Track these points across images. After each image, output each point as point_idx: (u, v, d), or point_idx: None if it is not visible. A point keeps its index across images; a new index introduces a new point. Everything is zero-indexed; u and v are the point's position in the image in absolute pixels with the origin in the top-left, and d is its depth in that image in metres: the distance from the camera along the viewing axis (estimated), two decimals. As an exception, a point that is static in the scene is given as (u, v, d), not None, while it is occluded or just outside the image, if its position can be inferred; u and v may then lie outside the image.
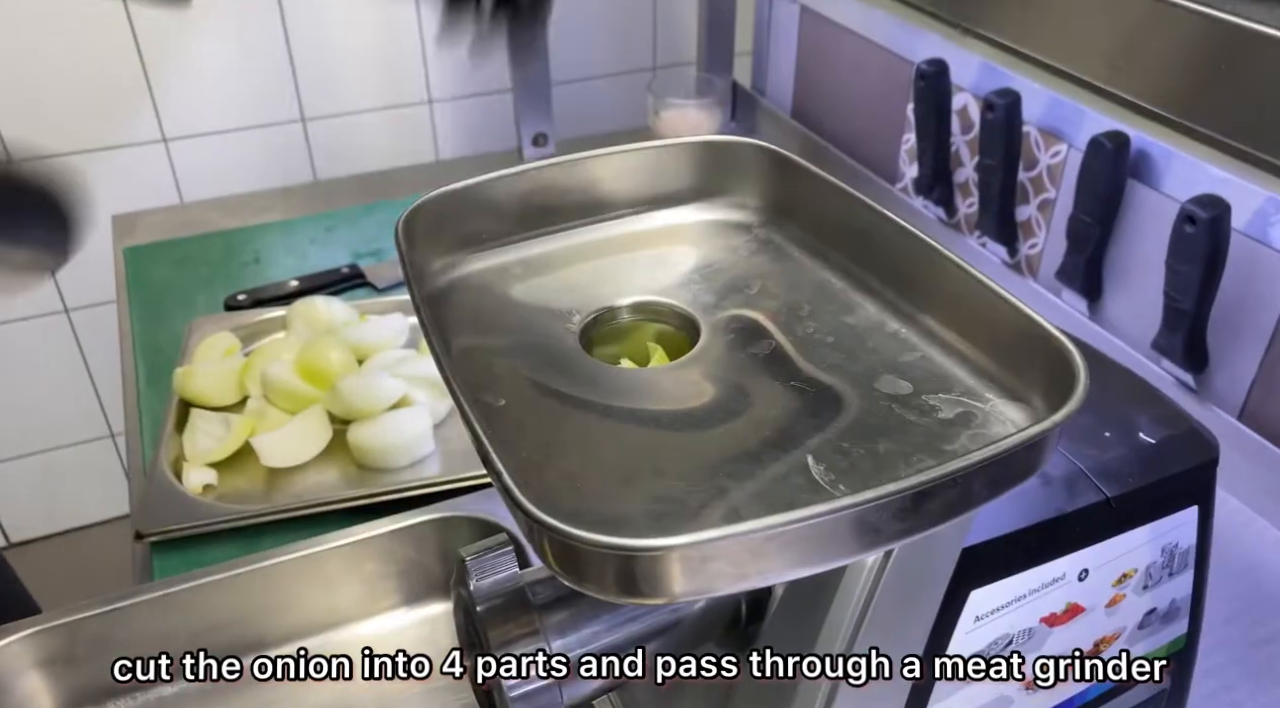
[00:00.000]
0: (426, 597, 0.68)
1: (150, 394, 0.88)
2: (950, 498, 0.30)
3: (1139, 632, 0.51)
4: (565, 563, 0.28)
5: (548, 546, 0.28)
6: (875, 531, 0.29)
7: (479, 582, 0.44)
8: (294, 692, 0.63)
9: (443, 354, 0.34)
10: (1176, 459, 0.49)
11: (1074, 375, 0.31)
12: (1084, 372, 0.31)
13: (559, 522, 0.27)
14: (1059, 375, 0.32)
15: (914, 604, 0.42)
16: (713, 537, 0.27)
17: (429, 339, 0.36)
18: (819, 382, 0.37)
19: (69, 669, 0.59)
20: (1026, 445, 0.30)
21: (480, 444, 0.30)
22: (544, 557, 0.29)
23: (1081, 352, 0.32)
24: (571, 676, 0.44)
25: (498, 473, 0.29)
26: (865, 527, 0.29)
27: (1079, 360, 0.31)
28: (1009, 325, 0.34)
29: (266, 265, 1.07)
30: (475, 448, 0.31)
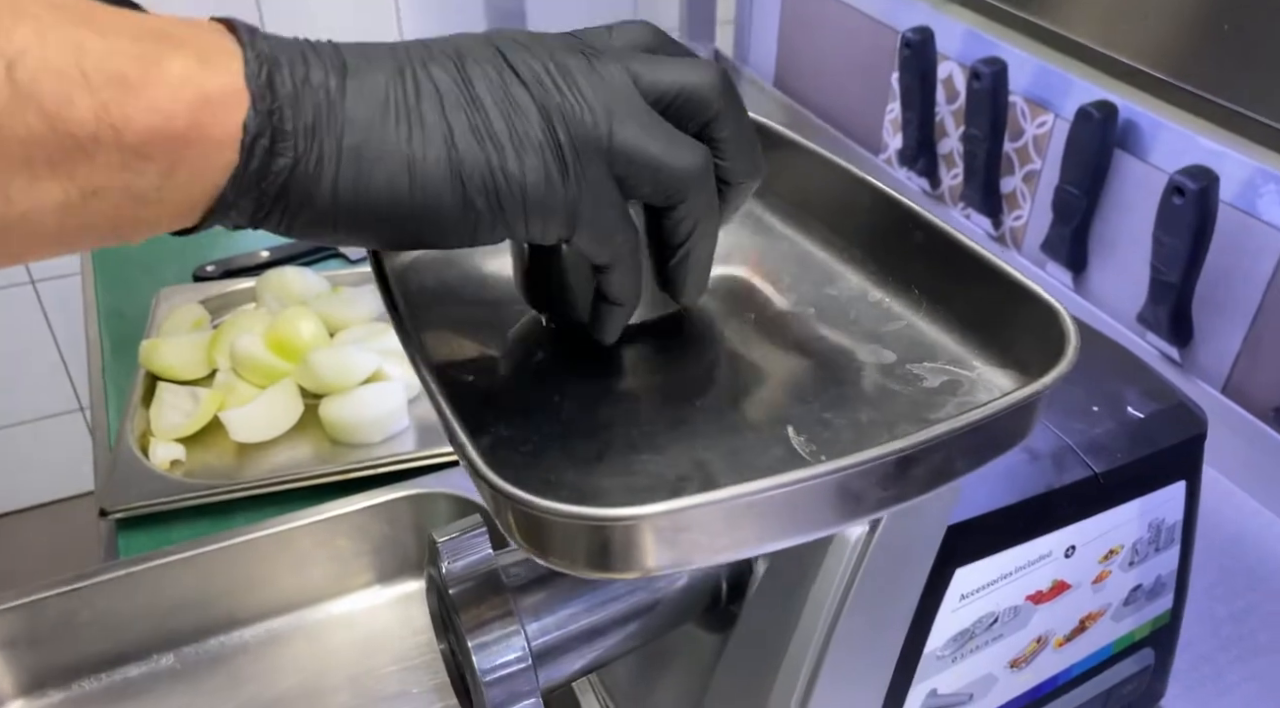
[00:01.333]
0: (400, 574, 0.67)
1: (116, 367, 0.85)
2: (936, 464, 0.29)
3: (1124, 608, 0.51)
4: (533, 538, 0.27)
5: (514, 520, 0.27)
6: (857, 499, 0.28)
7: (451, 564, 0.43)
8: (266, 671, 0.61)
9: (407, 328, 0.33)
10: (1165, 434, 0.48)
11: (1064, 338, 0.30)
12: (1075, 333, 0.30)
13: (523, 492, 0.25)
14: (1048, 340, 0.30)
15: (898, 583, 0.41)
16: (686, 505, 0.25)
17: (391, 313, 0.34)
18: (800, 353, 0.36)
19: (31, 650, 0.58)
20: (1016, 409, 0.29)
21: (444, 419, 0.29)
22: (511, 532, 0.27)
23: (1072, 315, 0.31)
24: (547, 659, 0.43)
25: (461, 447, 0.27)
26: (847, 494, 0.27)
27: (1069, 322, 0.30)
28: (995, 290, 0.33)
29: (236, 236, 1.04)
30: (440, 423, 0.29)
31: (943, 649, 0.45)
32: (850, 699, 0.43)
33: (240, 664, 0.61)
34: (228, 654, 0.62)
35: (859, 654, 0.42)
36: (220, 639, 0.62)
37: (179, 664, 0.61)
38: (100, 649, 0.60)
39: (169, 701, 0.59)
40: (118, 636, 0.60)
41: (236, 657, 0.62)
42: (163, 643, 0.61)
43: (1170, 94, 0.74)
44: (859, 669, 0.43)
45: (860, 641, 0.41)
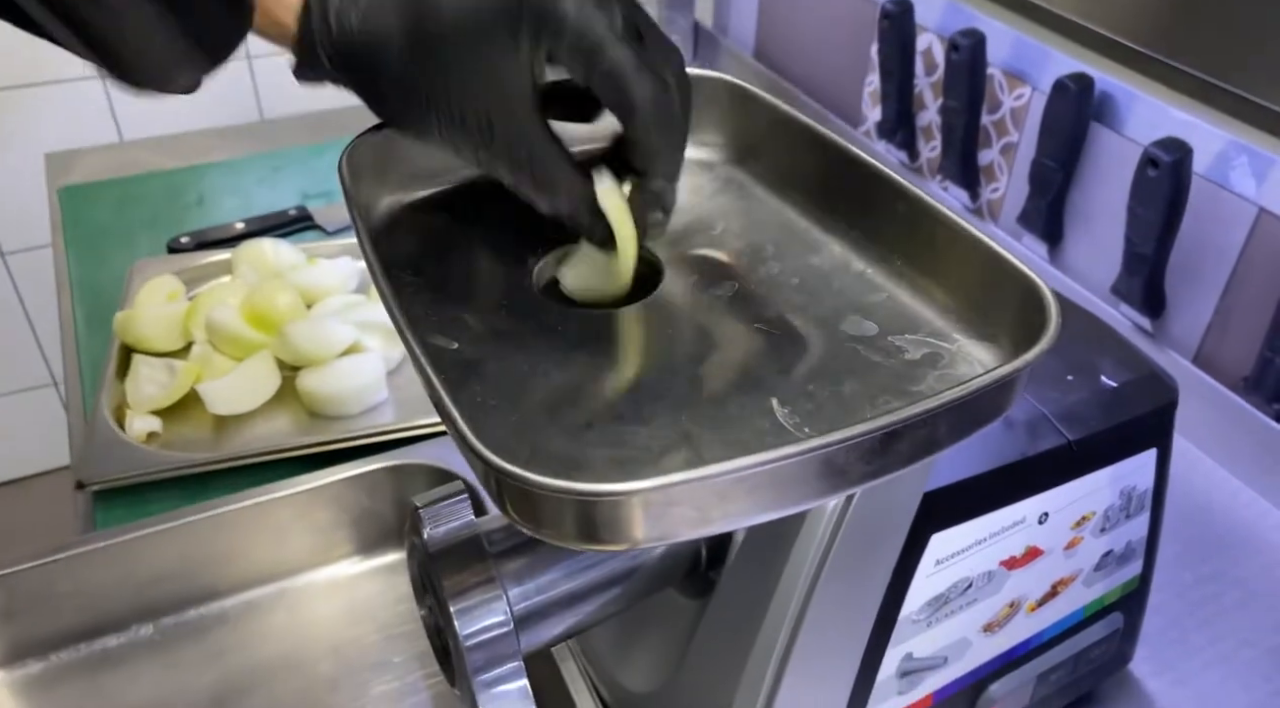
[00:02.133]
0: (380, 546, 0.67)
1: (90, 339, 0.85)
2: (918, 439, 0.29)
3: (1095, 573, 0.52)
4: (523, 510, 0.27)
5: (505, 492, 0.27)
6: (841, 473, 0.28)
7: (433, 530, 0.43)
8: (246, 641, 0.61)
9: (391, 295, 0.33)
10: (1137, 402, 0.49)
11: (1045, 314, 0.30)
12: (1056, 310, 0.30)
13: (516, 467, 0.25)
14: (1029, 315, 0.31)
15: (875, 548, 0.42)
16: (675, 481, 0.26)
17: (376, 279, 0.34)
18: (783, 324, 0.36)
19: (8, 622, 0.57)
20: (998, 385, 0.29)
21: (432, 388, 0.29)
22: (501, 504, 0.28)
23: (1053, 291, 0.31)
24: (528, 623, 0.43)
25: (451, 418, 0.28)
26: (832, 469, 0.28)
27: (1051, 299, 0.31)
28: (978, 264, 0.33)
29: (210, 207, 1.03)
30: (427, 393, 0.29)
31: (918, 614, 0.45)
32: (827, 663, 0.44)
33: (220, 635, 0.61)
34: (207, 625, 0.62)
35: (836, 618, 0.43)
36: (199, 610, 0.62)
37: (158, 635, 0.61)
38: (79, 621, 0.59)
39: (148, 671, 0.59)
40: (96, 607, 0.60)
41: (216, 628, 0.62)
42: (142, 614, 0.61)
43: (1145, 66, 0.75)
44: (836, 633, 0.43)
45: (838, 605, 0.42)
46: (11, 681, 0.58)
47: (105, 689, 0.58)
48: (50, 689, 0.58)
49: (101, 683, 0.58)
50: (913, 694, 0.48)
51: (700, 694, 0.46)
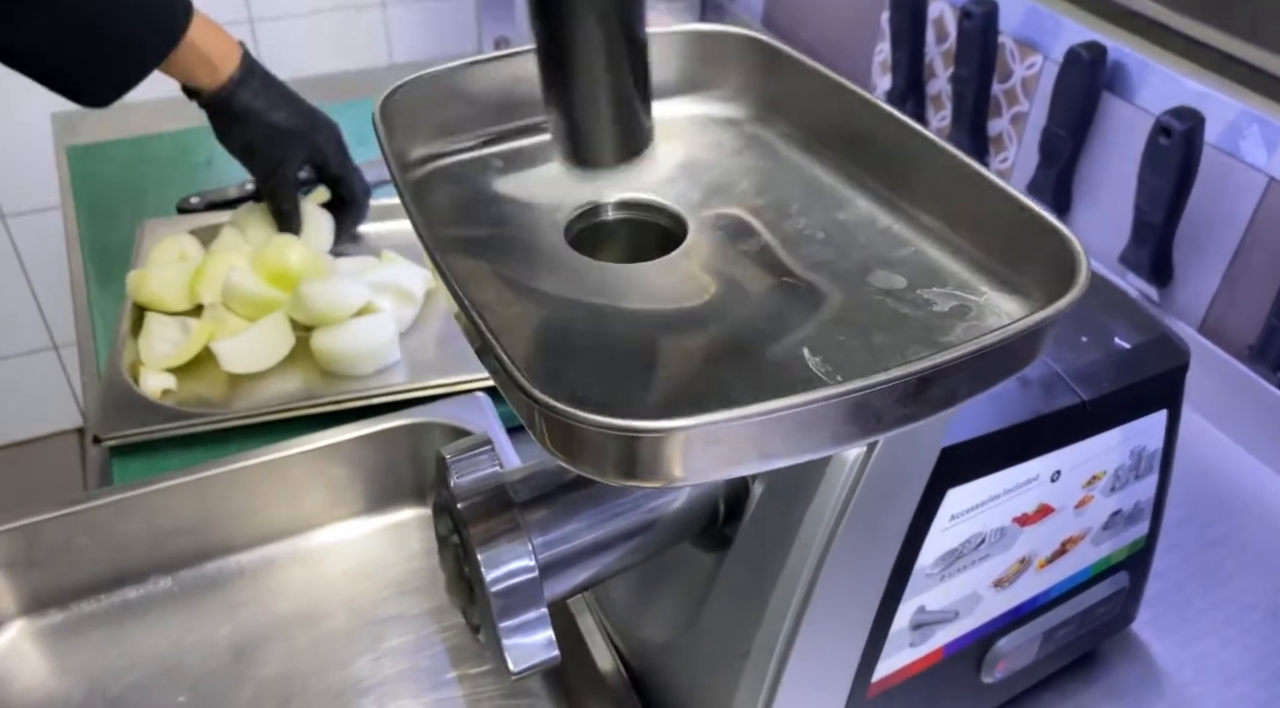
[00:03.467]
0: (396, 503, 0.68)
1: (101, 297, 0.85)
2: (951, 385, 0.30)
3: (1103, 532, 0.53)
4: (568, 447, 0.28)
5: (551, 430, 0.28)
6: (876, 417, 0.29)
7: (460, 479, 0.43)
8: (262, 594, 0.62)
9: (431, 242, 0.33)
10: (1149, 364, 0.50)
11: (1075, 264, 0.31)
12: (1085, 261, 0.31)
13: (566, 405, 0.26)
14: (1057, 267, 0.31)
15: (893, 501, 0.43)
16: (718, 420, 0.26)
17: (417, 228, 0.34)
18: (811, 277, 0.36)
19: (30, 572, 0.58)
20: (1030, 332, 0.30)
21: (479, 331, 0.29)
22: (546, 442, 0.28)
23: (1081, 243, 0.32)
24: (552, 572, 0.44)
25: (499, 359, 0.28)
26: (867, 413, 0.28)
27: (1079, 249, 0.31)
28: (1006, 218, 0.34)
29: (219, 168, 1.03)
30: (470, 336, 0.30)
31: (932, 567, 0.46)
32: (843, 614, 0.45)
33: (237, 588, 0.62)
34: (225, 579, 0.63)
35: (854, 570, 0.43)
36: (217, 564, 0.63)
37: (176, 588, 0.62)
38: (99, 572, 0.60)
39: (167, 622, 0.60)
40: (116, 559, 0.60)
41: (233, 581, 0.63)
42: (161, 567, 0.62)
43: (1158, 36, 0.75)
44: (853, 585, 0.44)
45: (856, 557, 0.43)
46: (34, 629, 0.59)
47: (126, 639, 0.59)
48: (71, 638, 0.59)
49: (122, 633, 0.59)
50: (924, 647, 0.49)
51: (719, 643, 0.47)
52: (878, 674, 0.48)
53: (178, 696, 0.56)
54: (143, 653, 0.58)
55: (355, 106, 1.15)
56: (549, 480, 0.46)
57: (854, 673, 0.47)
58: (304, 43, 1.61)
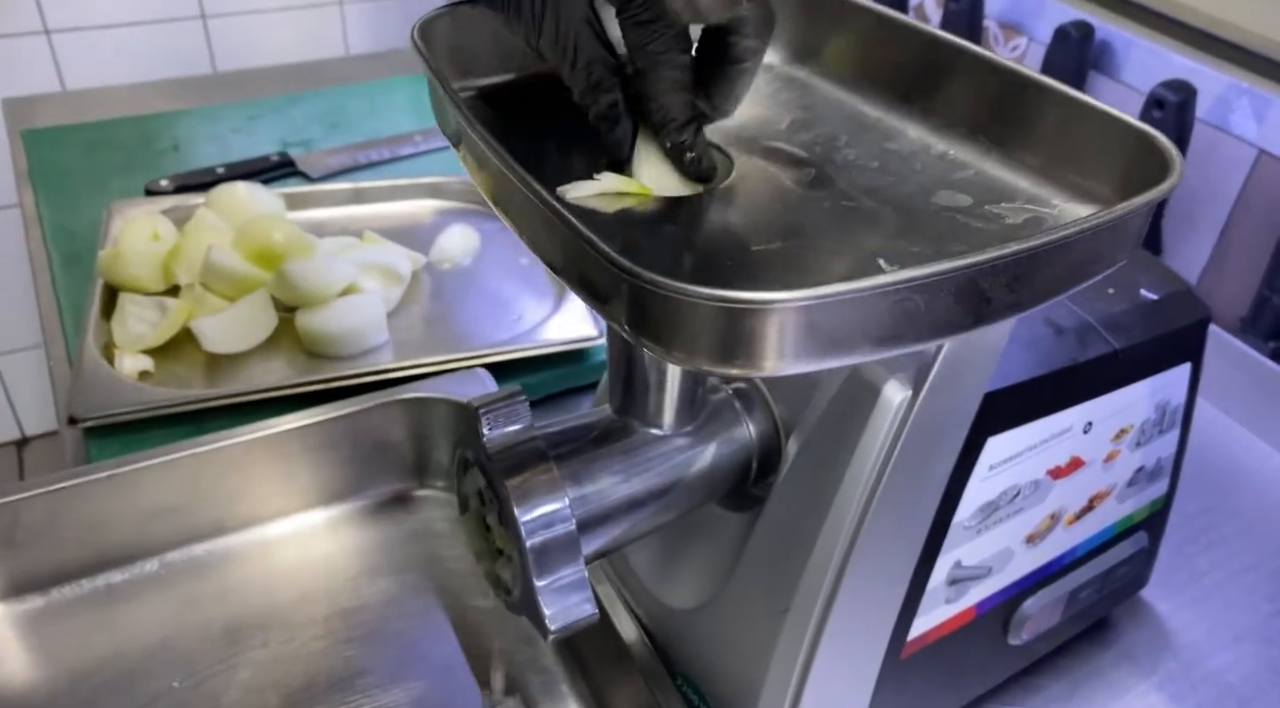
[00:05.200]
0: (395, 483, 0.65)
1: (67, 280, 0.81)
2: (1059, 268, 0.29)
3: (1127, 489, 0.53)
4: (664, 325, 0.26)
5: (648, 307, 0.26)
6: (985, 300, 0.28)
7: (492, 432, 0.42)
8: (256, 577, 0.59)
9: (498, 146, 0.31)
10: (1175, 316, 0.50)
11: (1164, 157, 0.30)
12: (1176, 152, 0.30)
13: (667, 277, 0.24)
14: (1139, 164, 0.31)
15: (936, 450, 0.42)
16: (830, 293, 0.25)
17: (479, 134, 0.32)
18: (872, 199, 0.35)
19: (10, 553, 0.54)
20: (1137, 214, 0.29)
21: (559, 216, 0.27)
22: (636, 323, 0.27)
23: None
24: (587, 528, 0.42)
25: (588, 240, 0.26)
26: (976, 295, 0.27)
27: (1166, 141, 0.31)
28: (1076, 126, 0.33)
29: (187, 153, 1.00)
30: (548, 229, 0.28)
31: (970, 520, 0.45)
32: (885, 567, 0.44)
33: (228, 571, 0.59)
34: (215, 561, 0.59)
35: (897, 521, 0.42)
36: (207, 546, 0.60)
37: (164, 571, 0.58)
38: (82, 554, 0.57)
39: (155, 606, 0.57)
40: (100, 540, 0.57)
41: (224, 564, 0.59)
42: (147, 550, 0.58)
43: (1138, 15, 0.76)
44: (895, 536, 0.43)
45: (899, 507, 0.42)
46: (12, 615, 0.55)
47: (111, 624, 0.55)
48: (52, 624, 0.55)
49: (107, 618, 0.56)
50: (958, 604, 0.48)
51: (753, 603, 0.45)
52: (913, 633, 0.47)
53: (171, 680, 0.53)
54: (130, 639, 0.55)
55: (319, 95, 1.13)
56: (580, 435, 0.44)
57: (891, 630, 0.46)
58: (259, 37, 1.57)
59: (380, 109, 1.12)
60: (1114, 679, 0.57)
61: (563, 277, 0.30)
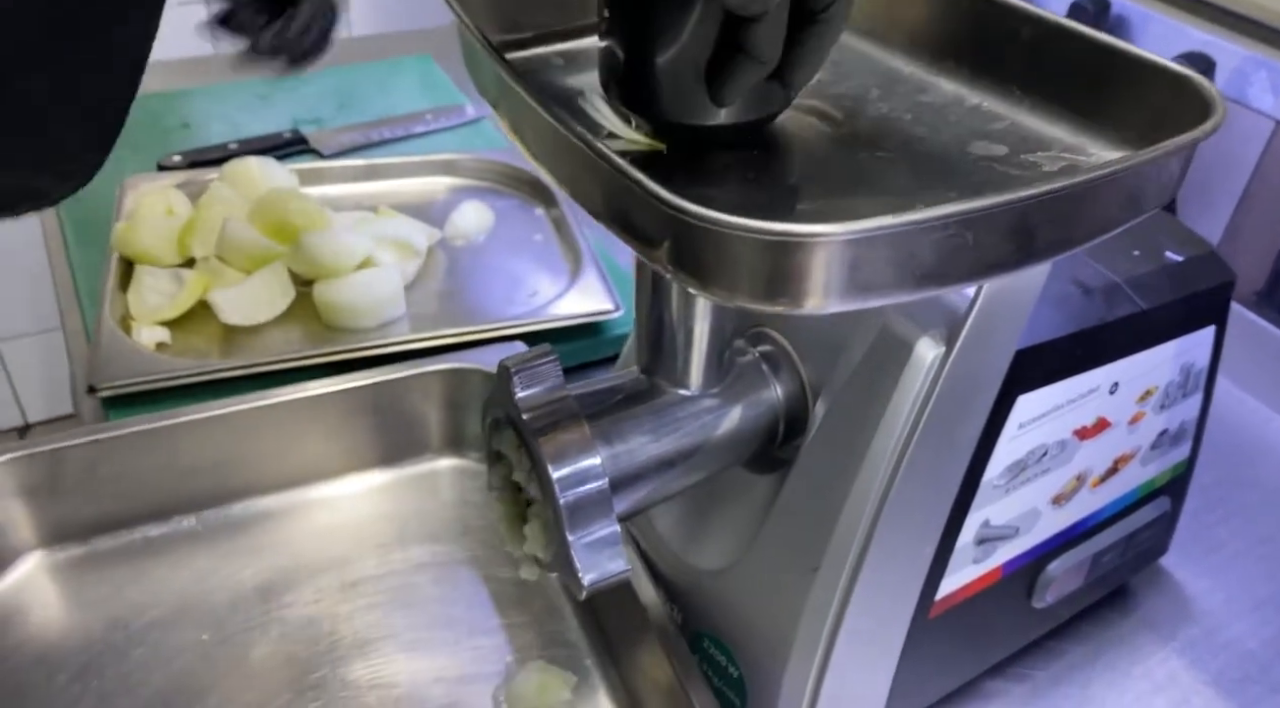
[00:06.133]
0: (428, 453, 0.65)
1: (82, 254, 0.81)
2: (1107, 206, 0.29)
3: (1151, 452, 0.53)
4: (710, 263, 0.26)
5: (694, 244, 0.26)
6: (1030, 237, 0.28)
7: (524, 390, 0.42)
8: (289, 538, 0.59)
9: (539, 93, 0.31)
10: (1201, 278, 0.50)
11: (1205, 100, 0.30)
12: (1217, 93, 0.30)
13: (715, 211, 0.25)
14: (1178, 109, 0.31)
15: (967, 408, 0.42)
16: (886, 225, 0.25)
17: (519, 82, 0.32)
18: (907, 150, 0.35)
19: (52, 501, 0.55)
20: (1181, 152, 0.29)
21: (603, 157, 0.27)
22: (681, 262, 0.27)
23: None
24: (620, 487, 0.42)
25: (635, 180, 0.26)
26: (1024, 232, 0.27)
27: (1207, 84, 0.31)
28: (1112, 73, 0.33)
29: (198, 131, 1.00)
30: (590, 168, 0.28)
31: (999, 479, 0.46)
32: (914, 525, 0.44)
33: (263, 531, 0.59)
34: (250, 521, 0.60)
35: (927, 480, 0.43)
36: (243, 505, 0.60)
37: (200, 527, 0.59)
38: (120, 507, 0.57)
39: (190, 561, 0.57)
40: (138, 494, 0.57)
41: (259, 523, 0.60)
42: (184, 505, 0.59)
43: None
44: (925, 495, 0.43)
45: (929, 466, 0.42)
46: (52, 562, 0.56)
47: (147, 576, 0.56)
48: (91, 572, 0.56)
49: (143, 570, 0.56)
50: (985, 564, 0.49)
51: (781, 563, 0.46)
52: (941, 592, 0.47)
53: (201, 633, 0.53)
54: (165, 591, 0.55)
55: (329, 74, 1.12)
56: (609, 395, 0.44)
57: (920, 589, 0.46)
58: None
59: (390, 88, 1.12)
60: (1135, 645, 0.58)
61: (606, 221, 0.30)
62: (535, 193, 0.92)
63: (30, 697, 0.50)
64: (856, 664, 0.46)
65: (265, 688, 0.52)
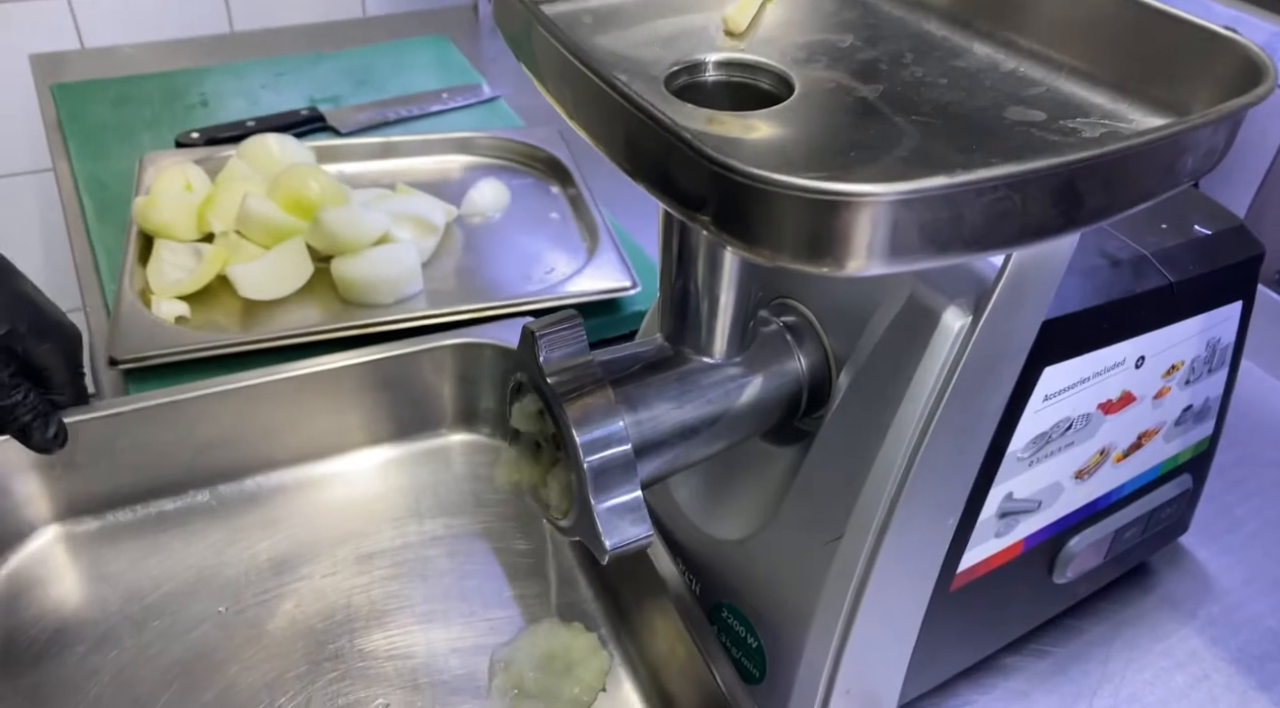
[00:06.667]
0: (439, 428, 0.66)
1: (101, 230, 0.81)
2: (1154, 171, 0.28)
3: (1174, 428, 0.52)
4: (754, 222, 0.26)
5: (740, 202, 0.26)
6: (1077, 202, 0.27)
7: (550, 354, 0.41)
8: (303, 512, 0.59)
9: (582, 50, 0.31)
10: (1229, 252, 0.49)
11: (1254, 64, 0.30)
12: (1268, 57, 0.30)
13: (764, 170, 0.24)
14: (1224, 74, 0.30)
15: (994, 378, 0.42)
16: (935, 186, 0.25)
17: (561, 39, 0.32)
18: (943, 114, 0.35)
19: (68, 475, 0.55)
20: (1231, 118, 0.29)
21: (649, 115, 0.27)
22: (724, 221, 0.26)
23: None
24: (642, 453, 0.42)
25: (682, 137, 0.26)
26: (1071, 196, 0.27)
27: (1256, 47, 0.30)
28: (1152, 37, 0.33)
29: (216, 108, 1.00)
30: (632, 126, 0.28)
31: (1023, 451, 0.45)
32: (938, 498, 0.44)
33: (277, 504, 0.60)
34: (264, 495, 0.60)
35: (951, 451, 0.42)
36: (256, 480, 0.60)
37: (214, 501, 0.59)
38: (136, 481, 0.57)
39: (205, 534, 0.57)
40: (153, 469, 0.58)
41: (273, 497, 0.60)
42: (199, 479, 0.59)
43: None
44: (949, 466, 0.43)
45: (954, 436, 0.42)
46: (68, 535, 0.56)
47: (162, 549, 0.56)
48: (107, 546, 0.56)
49: (158, 543, 0.56)
50: (1008, 538, 0.48)
51: (803, 535, 0.45)
52: (963, 565, 0.47)
53: (217, 605, 0.54)
54: (180, 564, 0.55)
55: (345, 53, 1.12)
56: (633, 361, 0.44)
57: (942, 560, 0.46)
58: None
59: (406, 67, 1.11)
60: (1155, 623, 0.58)
61: (646, 181, 0.30)
62: (551, 171, 0.91)
63: (50, 668, 0.50)
64: (877, 636, 0.46)
65: (283, 658, 0.52)
